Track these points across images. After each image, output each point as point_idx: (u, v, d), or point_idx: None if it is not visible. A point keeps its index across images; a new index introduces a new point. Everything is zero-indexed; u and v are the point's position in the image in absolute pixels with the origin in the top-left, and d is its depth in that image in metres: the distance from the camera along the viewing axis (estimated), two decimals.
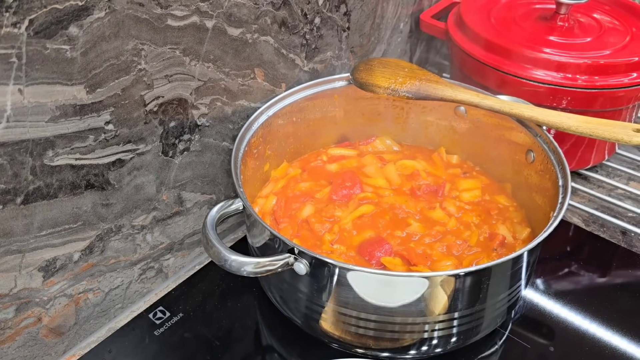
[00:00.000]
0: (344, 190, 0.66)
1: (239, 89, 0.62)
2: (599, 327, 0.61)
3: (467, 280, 0.50)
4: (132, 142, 0.54)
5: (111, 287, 0.60)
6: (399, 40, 0.84)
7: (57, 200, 0.50)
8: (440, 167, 0.71)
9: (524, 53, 0.71)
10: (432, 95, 0.65)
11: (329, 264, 0.49)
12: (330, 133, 0.74)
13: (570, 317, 0.63)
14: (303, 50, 0.68)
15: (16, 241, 0.49)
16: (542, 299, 0.65)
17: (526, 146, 0.65)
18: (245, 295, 0.65)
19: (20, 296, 0.51)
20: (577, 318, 0.62)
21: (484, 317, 0.55)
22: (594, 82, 0.68)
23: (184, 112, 0.57)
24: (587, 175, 0.81)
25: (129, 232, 0.58)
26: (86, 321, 0.59)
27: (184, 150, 0.60)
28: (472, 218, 0.64)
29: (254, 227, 0.56)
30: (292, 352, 0.60)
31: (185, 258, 0.67)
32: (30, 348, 0.55)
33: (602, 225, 0.74)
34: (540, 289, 0.66)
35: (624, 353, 0.59)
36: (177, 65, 0.54)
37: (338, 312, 0.53)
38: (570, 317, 0.63)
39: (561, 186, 0.58)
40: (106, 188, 0.54)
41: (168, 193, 0.60)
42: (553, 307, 0.64)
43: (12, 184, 0.46)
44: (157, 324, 0.61)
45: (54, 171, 0.49)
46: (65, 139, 0.48)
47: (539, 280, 0.67)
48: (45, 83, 0.45)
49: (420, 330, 0.53)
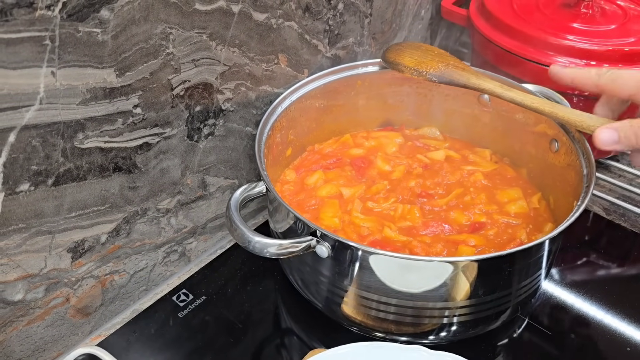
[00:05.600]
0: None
1: (263, 74, 0.62)
2: (619, 316, 0.61)
3: (490, 266, 0.50)
4: (158, 126, 0.54)
5: (136, 269, 0.61)
6: (419, 27, 0.84)
7: (86, 182, 0.51)
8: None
9: (547, 40, 0.70)
10: (456, 81, 0.65)
11: (351, 247, 0.50)
12: (353, 119, 0.74)
13: (591, 305, 0.63)
14: (326, 36, 0.68)
15: (47, 222, 0.49)
16: (562, 287, 0.65)
17: (550, 135, 0.64)
18: (267, 279, 0.65)
19: (50, 276, 0.52)
20: (597, 307, 0.63)
21: (505, 304, 0.55)
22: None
23: (209, 97, 0.58)
24: (609, 164, 0.80)
25: (154, 215, 0.59)
26: (112, 302, 0.60)
27: (208, 134, 0.60)
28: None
29: (277, 211, 0.57)
30: (312, 335, 0.61)
31: (207, 242, 0.68)
32: (58, 328, 0.56)
33: (622, 215, 0.74)
34: (560, 277, 0.66)
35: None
36: (204, 49, 0.55)
37: (359, 295, 0.53)
38: (591, 305, 0.63)
39: (585, 175, 0.57)
40: (133, 171, 0.54)
41: (192, 177, 0.61)
42: (573, 296, 0.64)
43: (43, 166, 0.47)
44: (181, 307, 0.62)
45: (84, 154, 0.49)
46: (95, 121, 0.49)
47: (560, 269, 0.67)
48: (77, 66, 0.45)
49: (440, 315, 0.53)
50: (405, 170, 0.70)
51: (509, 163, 0.72)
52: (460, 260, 0.50)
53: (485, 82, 0.64)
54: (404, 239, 0.60)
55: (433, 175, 0.69)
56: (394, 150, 0.73)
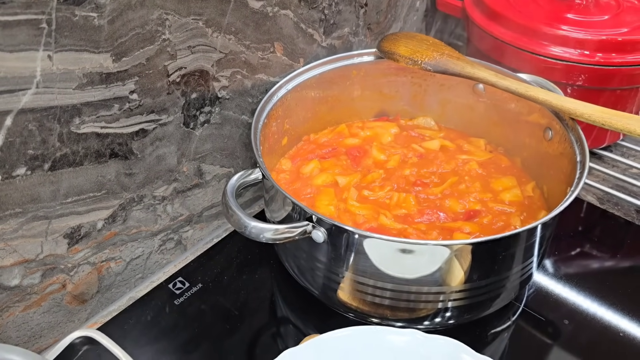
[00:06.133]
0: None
1: (259, 62, 0.63)
2: (612, 303, 0.62)
3: (484, 250, 0.51)
4: (155, 113, 0.55)
5: (132, 256, 0.61)
6: (414, 18, 0.85)
7: (82, 167, 0.51)
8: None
9: (542, 30, 0.71)
10: (451, 70, 0.65)
11: (347, 231, 0.50)
12: (348, 109, 0.75)
13: (584, 293, 0.63)
14: (321, 26, 0.68)
15: (43, 207, 0.50)
16: (556, 275, 0.66)
17: (544, 124, 0.65)
18: (262, 267, 0.66)
19: (46, 262, 0.52)
20: (590, 294, 0.63)
21: (499, 289, 0.55)
22: (611, 59, 0.69)
23: (205, 84, 0.58)
24: (602, 154, 0.81)
25: (150, 203, 0.59)
26: (108, 290, 0.60)
27: (204, 122, 0.60)
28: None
29: (273, 198, 0.57)
30: (308, 322, 0.61)
31: (203, 231, 0.68)
32: (54, 314, 0.56)
33: (616, 204, 0.75)
34: (554, 265, 0.67)
35: (638, 330, 0.60)
36: (200, 36, 0.55)
37: (355, 281, 0.54)
38: (584, 293, 0.63)
39: (579, 162, 0.58)
40: (129, 157, 0.55)
41: (188, 165, 0.61)
42: (567, 284, 0.64)
43: (40, 150, 0.47)
44: (177, 294, 0.62)
45: (80, 139, 0.49)
46: (92, 107, 0.49)
47: (554, 257, 0.68)
48: (74, 50, 0.45)
49: (435, 300, 0.54)
50: (401, 159, 0.70)
51: (503, 152, 0.72)
52: (454, 243, 0.50)
53: (479, 71, 0.65)
54: (400, 226, 0.61)
55: (428, 164, 0.69)
56: (389, 140, 0.74)
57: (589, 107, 0.59)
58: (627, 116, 0.57)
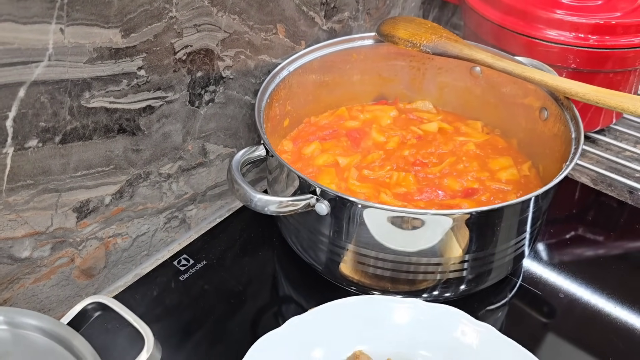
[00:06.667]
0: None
1: (262, 43, 0.64)
2: (606, 277, 0.64)
3: (482, 221, 0.52)
4: (161, 90, 0.56)
5: (138, 233, 0.62)
6: (412, 5, 0.86)
7: (91, 142, 0.52)
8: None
9: (537, 14, 0.73)
10: (449, 52, 0.67)
11: (350, 202, 0.51)
12: (348, 92, 0.76)
13: (579, 268, 0.65)
14: (322, 9, 0.70)
15: (53, 180, 0.51)
16: (552, 252, 0.67)
17: (540, 104, 0.67)
18: (265, 246, 0.67)
19: (56, 235, 0.54)
20: (585, 269, 0.65)
21: (496, 261, 0.57)
22: (604, 42, 0.70)
23: (210, 63, 0.59)
24: (596, 138, 0.83)
25: (156, 180, 0.60)
26: (114, 265, 0.61)
27: (209, 101, 0.62)
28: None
29: (276, 175, 0.58)
30: (310, 298, 0.62)
31: (207, 210, 0.69)
32: (63, 288, 0.57)
33: (610, 185, 0.76)
34: (550, 242, 0.68)
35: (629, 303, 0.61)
36: (205, 15, 0.56)
37: (357, 253, 0.55)
38: (579, 268, 0.65)
39: (574, 139, 0.60)
40: (137, 133, 0.56)
41: (193, 143, 0.62)
42: (562, 259, 0.66)
43: (51, 123, 0.48)
44: (182, 270, 0.63)
45: (90, 113, 0.51)
46: (101, 81, 0.50)
47: (549, 235, 0.69)
48: (85, 24, 0.46)
49: (434, 272, 0.55)
50: (400, 140, 0.72)
51: (499, 134, 0.74)
52: (454, 213, 0.52)
53: (477, 53, 0.66)
54: (400, 204, 0.62)
55: (426, 145, 0.71)
56: (388, 122, 0.75)
57: (583, 86, 0.61)
58: (621, 94, 0.59)
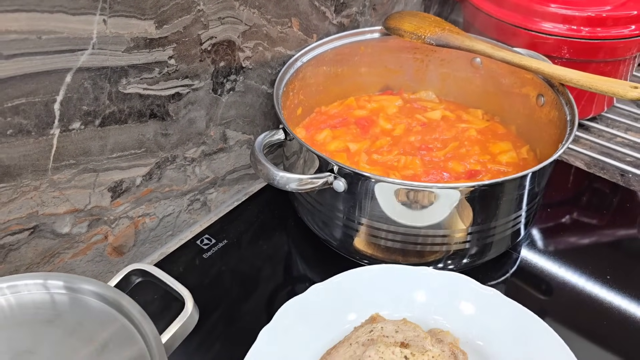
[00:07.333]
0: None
1: (278, 36, 0.68)
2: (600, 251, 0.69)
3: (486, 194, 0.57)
4: (188, 78, 0.60)
5: (164, 214, 0.66)
6: (414, 1, 0.91)
7: (126, 125, 0.56)
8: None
9: (533, 7, 0.78)
10: (451, 44, 0.72)
11: (366, 177, 0.56)
12: (356, 83, 0.81)
13: (575, 242, 0.70)
14: (333, 4, 0.74)
15: (92, 160, 0.55)
16: (549, 228, 0.72)
17: (536, 92, 0.71)
18: (282, 227, 0.71)
19: (93, 213, 0.58)
20: (581, 244, 0.70)
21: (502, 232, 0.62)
22: (596, 33, 0.75)
23: (232, 54, 0.64)
24: (588, 125, 0.88)
25: (181, 163, 0.65)
26: (142, 244, 0.66)
27: (230, 89, 0.66)
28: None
29: (294, 156, 0.63)
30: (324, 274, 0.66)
31: (225, 194, 0.74)
32: (97, 264, 0.61)
33: (602, 168, 0.81)
34: (548, 220, 0.73)
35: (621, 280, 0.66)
36: (229, 8, 0.60)
37: (371, 226, 0.60)
38: (575, 242, 0.70)
39: (569, 121, 0.64)
40: (166, 119, 0.60)
41: (215, 129, 0.67)
42: (559, 236, 0.71)
43: (93, 107, 0.52)
44: (205, 249, 0.68)
45: (126, 98, 0.55)
46: (136, 69, 0.54)
47: (547, 213, 0.74)
48: (124, 16, 0.51)
49: (442, 243, 0.60)
50: (406, 127, 0.76)
51: (499, 121, 0.79)
52: (462, 186, 0.56)
53: (477, 44, 0.71)
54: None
55: (431, 132, 0.76)
56: (394, 111, 0.80)
57: (576, 73, 0.66)
58: (611, 80, 0.64)
